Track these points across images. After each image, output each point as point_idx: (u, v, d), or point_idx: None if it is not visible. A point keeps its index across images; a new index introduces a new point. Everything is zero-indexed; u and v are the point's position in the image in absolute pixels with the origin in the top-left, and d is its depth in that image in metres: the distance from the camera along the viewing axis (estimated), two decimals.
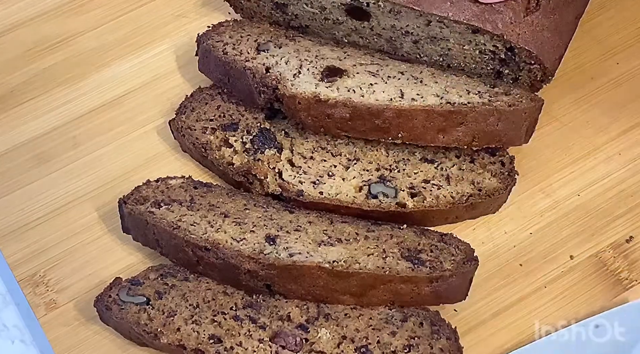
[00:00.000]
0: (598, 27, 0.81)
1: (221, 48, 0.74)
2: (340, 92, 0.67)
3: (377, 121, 0.66)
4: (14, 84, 0.81)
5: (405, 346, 0.62)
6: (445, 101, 0.67)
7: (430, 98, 0.67)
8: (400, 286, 0.63)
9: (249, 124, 0.73)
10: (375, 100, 0.66)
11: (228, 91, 0.74)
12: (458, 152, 0.71)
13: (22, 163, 0.75)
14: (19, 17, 0.85)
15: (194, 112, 0.74)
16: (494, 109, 0.67)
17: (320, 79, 0.69)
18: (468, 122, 0.66)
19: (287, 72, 0.70)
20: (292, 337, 0.62)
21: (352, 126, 0.67)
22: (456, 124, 0.66)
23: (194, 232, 0.65)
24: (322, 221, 0.68)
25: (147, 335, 0.62)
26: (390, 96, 0.68)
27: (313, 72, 0.70)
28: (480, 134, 0.67)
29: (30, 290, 0.69)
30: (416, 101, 0.67)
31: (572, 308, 0.66)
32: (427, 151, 0.71)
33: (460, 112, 0.66)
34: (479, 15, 0.70)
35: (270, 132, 0.72)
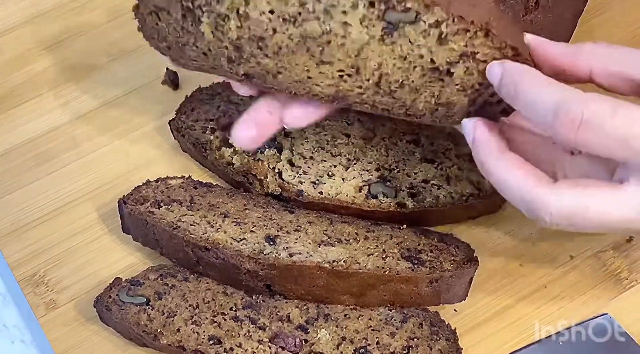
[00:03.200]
0: (598, 27, 0.81)
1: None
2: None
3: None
4: (14, 84, 0.81)
5: (404, 347, 0.62)
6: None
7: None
8: (400, 286, 0.63)
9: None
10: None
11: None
12: (458, 152, 0.71)
13: (22, 163, 0.75)
14: (19, 17, 0.85)
15: (194, 112, 0.74)
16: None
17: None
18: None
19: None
20: (291, 338, 0.62)
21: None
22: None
23: (194, 232, 0.65)
24: (322, 221, 0.68)
25: (147, 336, 0.62)
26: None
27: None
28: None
29: (30, 290, 0.69)
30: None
31: (572, 308, 0.66)
32: (427, 151, 0.71)
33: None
34: None
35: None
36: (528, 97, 0.53)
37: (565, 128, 0.52)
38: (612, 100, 0.51)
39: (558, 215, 0.54)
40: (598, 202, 0.53)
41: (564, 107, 0.51)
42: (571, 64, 0.56)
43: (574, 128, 0.51)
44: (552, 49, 0.56)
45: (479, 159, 0.58)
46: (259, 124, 0.63)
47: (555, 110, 0.52)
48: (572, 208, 0.53)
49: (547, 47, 0.56)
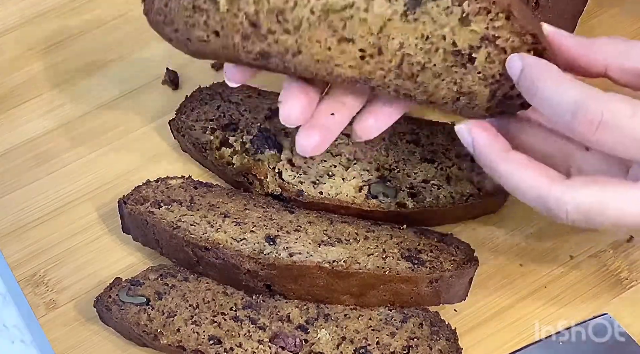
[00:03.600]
0: (598, 26, 0.81)
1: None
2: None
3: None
4: (14, 84, 0.81)
5: (404, 347, 0.62)
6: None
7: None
8: (400, 286, 0.63)
9: (249, 124, 0.73)
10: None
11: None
12: (458, 152, 0.71)
13: (22, 163, 0.75)
14: (19, 17, 0.85)
15: (194, 112, 0.75)
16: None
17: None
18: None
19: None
20: (291, 338, 0.62)
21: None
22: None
23: (194, 232, 0.65)
24: (322, 221, 0.68)
25: (147, 336, 0.62)
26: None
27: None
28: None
29: (30, 290, 0.69)
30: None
31: (572, 308, 0.66)
32: (427, 151, 0.71)
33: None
34: None
35: (270, 132, 0.72)
36: (547, 95, 0.53)
37: (584, 128, 0.52)
38: (631, 101, 0.51)
39: (575, 212, 0.53)
40: (615, 200, 0.53)
41: (583, 107, 0.51)
42: (586, 59, 0.56)
43: (592, 128, 0.51)
44: (568, 41, 0.56)
45: (483, 163, 0.58)
46: (323, 129, 0.61)
47: (574, 109, 0.52)
48: (588, 205, 0.53)
49: (563, 39, 0.56)
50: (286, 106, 0.60)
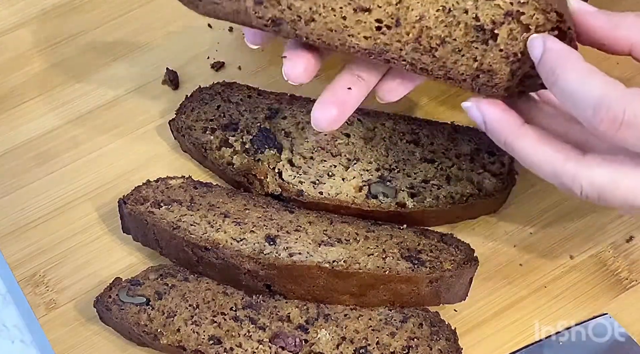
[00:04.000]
0: None
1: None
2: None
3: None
4: (14, 84, 0.81)
5: (404, 347, 0.62)
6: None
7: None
8: (400, 286, 0.63)
9: (249, 124, 0.73)
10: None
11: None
12: (458, 152, 0.71)
13: (22, 163, 0.75)
14: (19, 17, 0.85)
15: (194, 112, 0.74)
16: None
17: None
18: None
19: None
20: (291, 338, 0.62)
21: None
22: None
23: (194, 232, 0.65)
24: (322, 221, 0.68)
25: (146, 336, 0.62)
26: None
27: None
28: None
29: (30, 290, 0.69)
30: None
31: (572, 308, 0.66)
32: (427, 151, 0.71)
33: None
34: None
35: (270, 132, 0.72)
36: (567, 87, 0.52)
37: (605, 126, 0.51)
38: None
39: (589, 188, 0.53)
40: (629, 181, 0.53)
41: (605, 105, 0.50)
42: (612, 37, 0.55)
43: (614, 127, 0.51)
44: (594, 21, 0.55)
45: (498, 139, 0.57)
46: (340, 103, 0.60)
47: (596, 106, 0.51)
48: (602, 183, 0.53)
49: (588, 16, 0.55)
50: (290, 62, 0.59)
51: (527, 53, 0.55)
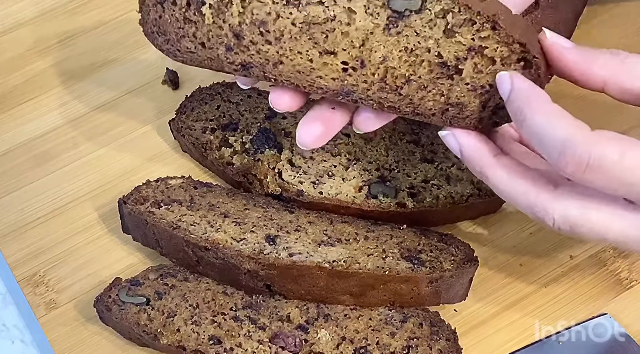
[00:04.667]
0: (598, 27, 0.81)
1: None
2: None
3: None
4: (14, 84, 0.81)
5: (404, 347, 0.62)
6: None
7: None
8: (400, 286, 0.63)
9: (249, 124, 0.73)
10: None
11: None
12: None
13: (22, 163, 0.75)
14: (19, 17, 0.85)
15: (194, 112, 0.75)
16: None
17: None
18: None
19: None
20: (291, 338, 0.62)
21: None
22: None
23: (194, 232, 0.65)
24: (322, 221, 0.68)
25: (146, 336, 0.62)
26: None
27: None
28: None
29: (30, 290, 0.69)
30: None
31: (572, 308, 0.66)
32: (427, 151, 0.71)
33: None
34: None
35: (270, 132, 0.72)
36: (534, 128, 0.53)
37: (571, 169, 0.51)
38: (620, 141, 0.51)
39: (561, 221, 0.54)
40: (600, 214, 0.53)
41: (570, 148, 0.51)
42: (584, 75, 0.55)
43: (580, 170, 0.51)
44: (568, 56, 0.55)
45: (473, 167, 0.57)
46: (325, 120, 0.61)
47: (561, 149, 0.51)
48: (574, 217, 0.53)
49: (562, 51, 0.55)
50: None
51: (495, 85, 0.55)
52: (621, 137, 0.51)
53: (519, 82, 0.54)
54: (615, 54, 0.55)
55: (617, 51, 0.55)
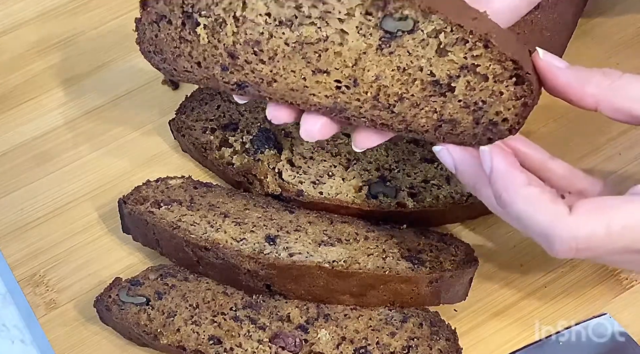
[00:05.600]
0: (598, 27, 0.81)
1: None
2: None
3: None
4: (14, 84, 0.81)
5: (404, 347, 0.62)
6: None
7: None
8: (400, 286, 0.63)
9: (249, 124, 0.73)
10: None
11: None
12: None
13: (22, 163, 0.75)
14: (19, 17, 0.85)
15: (194, 112, 0.75)
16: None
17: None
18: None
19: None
20: (291, 338, 0.62)
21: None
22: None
23: (194, 232, 0.65)
24: (322, 221, 0.68)
25: (146, 336, 0.62)
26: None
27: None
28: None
29: (30, 290, 0.69)
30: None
31: (572, 308, 0.66)
32: (427, 151, 0.71)
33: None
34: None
35: (270, 132, 0.72)
36: (514, 214, 0.53)
37: (562, 255, 0.52)
38: (601, 212, 0.51)
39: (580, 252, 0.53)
40: (619, 216, 0.52)
41: (556, 238, 0.51)
42: (578, 96, 0.55)
43: (570, 254, 0.52)
44: (561, 77, 0.55)
45: (467, 183, 0.57)
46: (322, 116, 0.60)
47: (547, 241, 0.52)
48: (590, 232, 0.52)
49: (555, 71, 0.55)
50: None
51: (489, 101, 0.55)
52: (600, 205, 0.51)
53: (497, 163, 0.54)
54: (607, 74, 0.55)
55: (609, 71, 0.55)
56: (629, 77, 0.55)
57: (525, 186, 0.53)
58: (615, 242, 0.51)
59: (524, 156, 0.59)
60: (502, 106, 0.55)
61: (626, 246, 0.51)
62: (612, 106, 0.54)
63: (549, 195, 0.53)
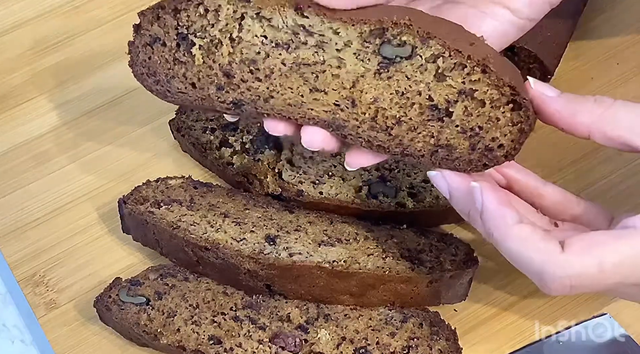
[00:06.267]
0: (598, 27, 0.81)
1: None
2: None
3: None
4: (14, 84, 0.81)
5: (404, 347, 0.62)
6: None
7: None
8: (400, 286, 0.63)
9: (249, 124, 0.73)
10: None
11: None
12: None
13: (22, 163, 0.75)
14: (19, 17, 0.85)
15: (194, 112, 0.74)
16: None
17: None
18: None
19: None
20: (291, 338, 0.62)
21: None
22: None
23: (194, 232, 0.65)
24: (322, 221, 0.68)
25: (146, 336, 0.62)
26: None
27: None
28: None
29: (30, 290, 0.69)
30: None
31: (572, 308, 0.66)
32: None
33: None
34: None
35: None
36: (506, 253, 0.53)
37: (557, 292, 0.52)
38: (593, 249, 0.51)
39: (573, 288, 0.53)
40: (611, 254, 0.51)
41: (549, 279, 0.51)
42: (570, 124, 0.55)
43: (565, 291, 0.52)
44: (552, 105, 0.55)
45: (462, 210, 0.57)
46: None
47: (541, 281, 0.52)
48: (586, 275, 0.52)
49: (548, 102, 0.55)
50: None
51: (486, 127, 0.55)
52: (591, 243, 0.51)
53: (487, 202, 0.54)
54: (599, 102, 0.54)
55: (601, 99, 0.55)
56: (621, 105, 0.54)
57: (517, 224, 0.53)
58: (608, 279, 0.51)
59: (517, 183, 0.59)
60: (499, 132, 0.55)
61: (619, 281, 0.51)
62: (604, 135, 0.54)
63: (541, 233, 0.53)
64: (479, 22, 0.58)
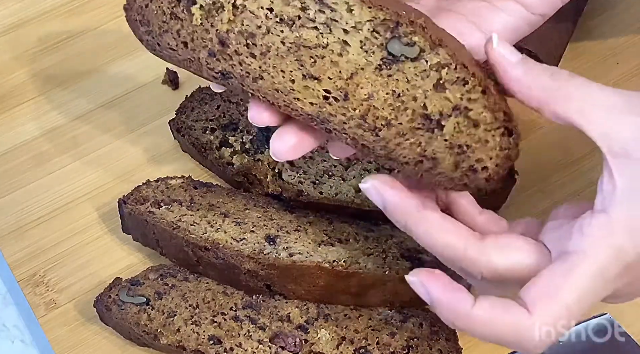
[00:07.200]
0: (598, 27, 0.81)
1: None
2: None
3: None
4: (14, 84, 0.81)
5: (404, 347, 0.62)
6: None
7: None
8: (400, 286, 0.63)
9: (249, 124, 0.73)
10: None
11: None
12: None
13: (22, 163, 0.75)
14: (19, 17, 0.85)
15: (194, 112, 0.75)
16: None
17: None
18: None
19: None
20: (291, 338, 0.62)
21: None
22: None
23: (194, 232, 0.65)
24: (322, 221, 0.68)
25: (146, 336, 0.62)
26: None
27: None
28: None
29: (30, 290, 0.69)
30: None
31: None
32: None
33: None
34: None
35: (270, 132, 0.72)
36: (477, 335, 0.51)
37: (543, 348, 0.50)
38: (556, 297, 0.49)
39: (489, 275, 0.52)
40: (570, 295, 0.50)
41: (528, 342, 0.50)
42: (524, 96, 0.52)
43: (549, 343, 0.50)
44: (511, 72, 0.52)
45: (398, 222, 0.55)
46: (299, 131, 0.57)
47: (521, 345, 0.50)
48: (501, 269, 0.52)
49: (506, 67, 0.52)
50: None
51: (472, 147, 0.54)
52: (547, 291, 0.50)
53: (436, 295, 0.51)
54: (555, 77, 0.52)
55: (558, 74, 0.52)
56: (575, 85, 0.52)
57: (476, 306, 0.50)
58: (581, 311, 0.50)
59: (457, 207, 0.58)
60: (485, 154, 0.54)
61: (591, 306, 0.50)
62: (554, 114, 0.52)
63: (502, 304, 0.50)
64: (492, 17, 0.57)
